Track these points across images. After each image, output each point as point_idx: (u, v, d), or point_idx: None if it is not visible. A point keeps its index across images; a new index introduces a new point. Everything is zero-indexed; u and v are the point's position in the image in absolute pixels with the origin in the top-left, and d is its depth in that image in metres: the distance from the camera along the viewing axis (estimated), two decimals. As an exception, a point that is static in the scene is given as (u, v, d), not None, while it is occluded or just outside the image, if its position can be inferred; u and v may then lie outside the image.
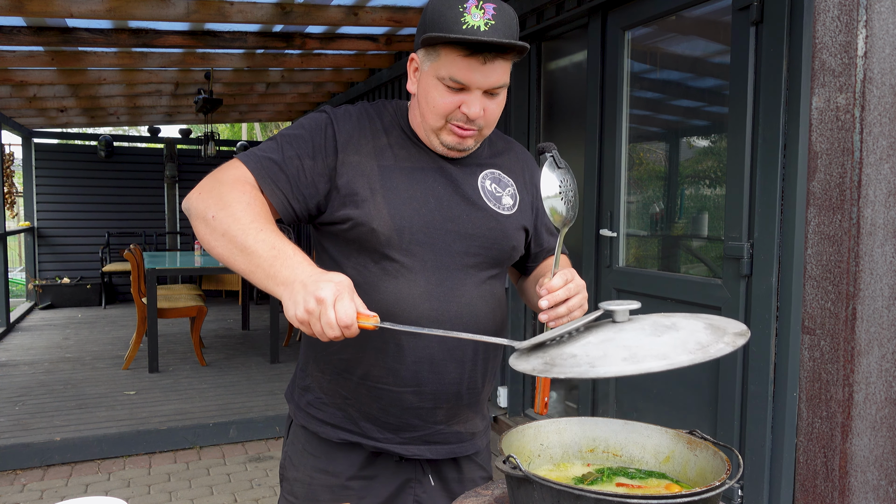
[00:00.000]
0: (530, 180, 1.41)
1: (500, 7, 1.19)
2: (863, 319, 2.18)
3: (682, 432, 1.10)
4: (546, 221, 1.41)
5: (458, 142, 1.27)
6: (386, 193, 1.25)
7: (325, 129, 1.28)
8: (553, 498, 0.88)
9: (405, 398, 1.28)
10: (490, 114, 1.25)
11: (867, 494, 2.23)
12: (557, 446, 1.13)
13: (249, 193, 1.19)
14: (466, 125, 1.24)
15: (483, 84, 1.20)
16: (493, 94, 1.24)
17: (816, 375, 2.29)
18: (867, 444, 2.22)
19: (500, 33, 1.17)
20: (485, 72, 1.19)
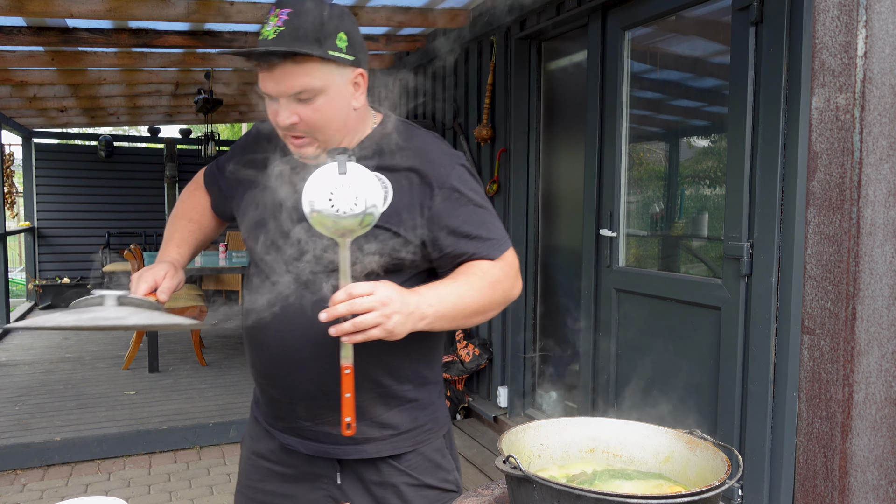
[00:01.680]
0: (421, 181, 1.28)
1: (298, 11, 1.16)
2: (863, 319, 2.18)
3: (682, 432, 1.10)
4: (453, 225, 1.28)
5: (297, 151, 1.26)
6: (246, 204, 1.37)
7: (246, 135, 1.46)
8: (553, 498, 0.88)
9: (266, 389, 1.40)
10: (309, 119, 1.21)
11: (867, 494, 2.23)
12: (557, 446, 1.14)
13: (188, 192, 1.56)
14: (294, 134, 1.23)
15: (279, 91, 1.19)
16: (305, 100, 1.20)
17: (816, 375, 2.29)
18: (867, 444, 2.22)
19: (288, 39, 1.15)
20: (276, 79, 1.18)
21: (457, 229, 1.28)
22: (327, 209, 1.12)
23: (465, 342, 4.52)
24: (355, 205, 1.12)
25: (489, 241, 1.30)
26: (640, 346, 3.21)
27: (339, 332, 1.09)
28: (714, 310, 2.76)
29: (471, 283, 1.25)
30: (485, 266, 1.29)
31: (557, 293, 4.10)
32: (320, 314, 1.09)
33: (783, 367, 2.44)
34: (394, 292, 1.11)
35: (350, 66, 1.22)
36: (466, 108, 4.73)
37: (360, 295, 1.08)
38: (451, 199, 1.28)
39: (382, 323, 1.09)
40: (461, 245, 1.29)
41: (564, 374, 4.04)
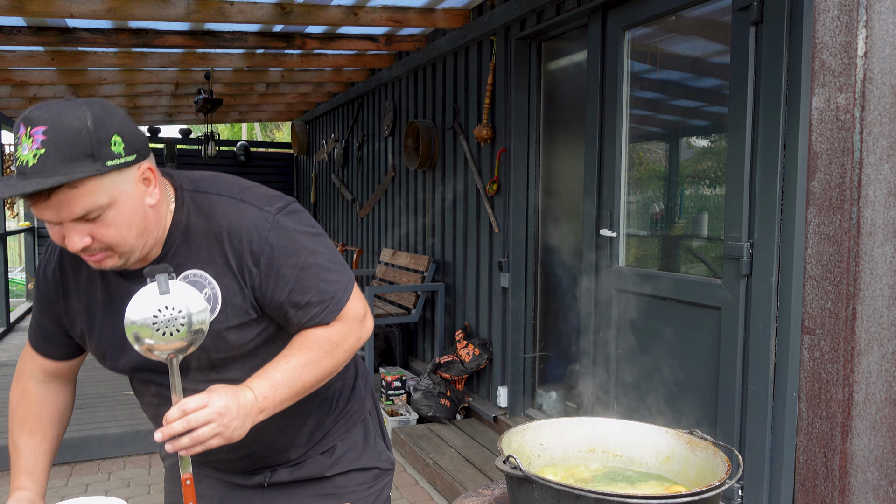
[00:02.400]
0: (238, 261, 1.21)
1: (53, 128, 1.02)
2: (863, 319, 2.18)
3: (682, 432, 1.10)
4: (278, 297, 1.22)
5: (98, 266, 1.15)
6: (91, 334, 1.29)
7: (44, 279, 1.31)
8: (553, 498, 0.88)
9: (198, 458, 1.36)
10: (103, 237, 1.09)
11: (867, 494, 2.23)
12: (557, 446, 1.14)
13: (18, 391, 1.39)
14: (88, 253, 1.11)
15: (59, 218, 1.06)
16: (94, 219, 1.07)
17: (816, 375, 2.29)
18: (867, 444, 2.22)
19: (52, 162, 1.00)
20: (53, 207, 1.04)
21: (284, 301, 1.23)
22: (152, 335, 1.11)
23: (465, 342, 4.52)
24: (181, 325, 1.11)
25: (321, 304, 1.24)
26: (640, 346, 3.21)
27: (176, 448, 1.09)
28: (714, 310, 2.76)
29: (307, 358, 1.22)
30: (320, 335, 1.25)
31: (557, 293, 4.10)
32: (155, 434, 1.09)
33: (783, 367, 2.44)
34: (229, 398, 1.10)
35: (134, 166, 1.11)
36: (466, 108, 4.73)
37: (194, 410, 1.07)
38: (272, 273, 1.21)
39: (221, 432, 1.09)
40: (293, 316, 1.24)
41: (564, 374, 4.04)
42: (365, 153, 6.92)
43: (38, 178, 1.01)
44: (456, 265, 4.97)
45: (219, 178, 1.29)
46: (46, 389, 1.39)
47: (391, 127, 6.03)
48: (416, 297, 5.24)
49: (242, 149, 10.01)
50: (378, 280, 6.02)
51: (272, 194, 1.30)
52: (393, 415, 4.45)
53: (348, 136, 7.37)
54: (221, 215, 1.22)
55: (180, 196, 1.23)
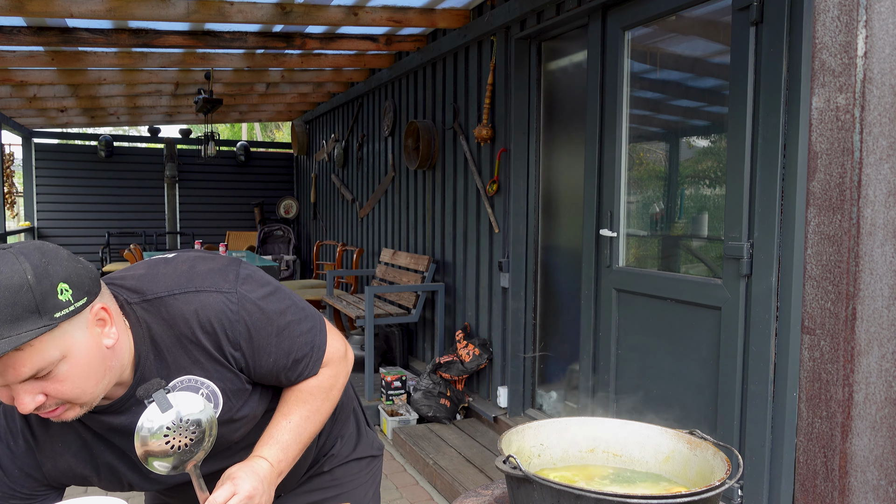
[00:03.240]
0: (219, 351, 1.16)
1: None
2: (863, 319, 2.18)
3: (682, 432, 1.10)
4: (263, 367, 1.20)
5: (60, 419, 1.05)
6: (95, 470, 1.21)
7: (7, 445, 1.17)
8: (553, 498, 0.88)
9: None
10: (58, 393, 1.01)
11: (867, 494, 2.23)
12: (557, 446, 1.13)
13: None
14: (44, 410, 1.02)
15: (4, 382, 0.97)
16: (44, 377, 0.99)
17: (816, 375, 2.29)
18: (867, 444, 2.22)
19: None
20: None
21: (272, 368, 1.21)
22: (171, 456, 1.09)
23: (465, 342, 4.52)
24: (193, 434, 1.10)
25: (305, 358, 1.24)
26: (640, 346, 3.21)
27: None
28: (714, 310, 2.76)
29: (306, 411, 1.25)
30: (312, 385, 1.26)
31: (557, 293, 4.10)
32: None
33: (783, 367, 2.44)
34: (252, 477, 1.12)
35: (85, 310, 1.02)
36: (466, 108, 4.73)
37: (225, 502, 1.08)
38: (251, 348, 1.18)
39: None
40: (283, 377, 1.24)
41: (564, 374, 4.04)
42: (365, 153, 6.92)
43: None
44: (456, 265, 4.97)
45: (156, 276, 1.17)
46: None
47: (391, 127, 6.03)
48: (416, 297, 5.24)
49: (242, 149, 10.01)
50: (378, 280, 6.02)
51: (218, 268, 1.19)
52: (393, 415, 4.45)
53: (348, 136, 7.37)
54: (185, 316, 1.14)
55: (130, 312, 1.13)
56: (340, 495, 1.47)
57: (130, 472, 1.22)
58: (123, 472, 1.22)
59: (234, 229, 10.01)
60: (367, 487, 1.53)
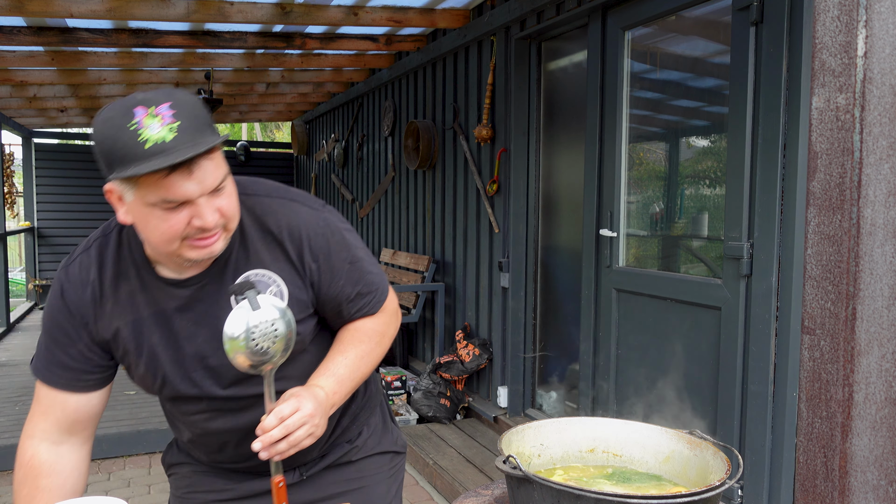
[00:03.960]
0: (298, 257, 1.25)
1: (176, 102, 1.05)
2: (863, 319, 2.18)
3: (682, 432, 1.10)
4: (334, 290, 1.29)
5: (206, 252, 1.14)
6: (139, 354, 1.25)
7: (67, 304, 1.23)
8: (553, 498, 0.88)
9: (231, 468, 1.40)
10: (227, 209, 1.13)
11: (867, 494, 2.23)
12: (557, 446, 1.13)
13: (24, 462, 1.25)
14: (206, 234, 1.12)
15: (201, 191, 1.07)
16: (219, 190, 1.11)
17: (816, 375, 2.29)
18: (867, 444, 2.22)
19: (191, 132, 1.03)
20: (197, 179, 1.06)
21: (337, 295, 1.29)
22: (253, 353, 1.13)
23: (465, 342, 4.52)
24: (275, 337, 1.14)
25: (369, 295, 1.33)
26: (640, 346, 3.21)
27: (274, 454, 1.11)
28: (714, 310, 2.76)
29: (360, 352, 1.30)
30: (369, 326, 1.34)
31: (557, 293, 4.10)
32: (254, 444, 1.10)
33: (783, 367, 2.44)
34: (312, 400, 1.15)
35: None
36: (466, 108, 4.73)
37: (290, 415, 1.11)
38: (325, 269, 1.27)
39: (313, 433, 1.14)
40: (344, 309, 1.31)
41: (564, 374, 4.04)
42: (365, 153, 6.92)
43: (184, 148, 1.02)
44: (456, 265, 4.97)
45: (257, 182, 1.30)
46: (59, 454, 1.26)
47: (391, 127, 6.03)
48: (416, 297, 5.24)
49: (242, 149, 10.01)
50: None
51: (309, 194, 1.35)
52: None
53: (348, 136, 7.37)
54: (276, 216, 1.25)
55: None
56: (364, 489, 1.46)
57: (170, 364, 1.25)
58: (163, 363, 1.24)
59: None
60: (389, 484, 1.52)
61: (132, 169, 1.01)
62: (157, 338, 1.24)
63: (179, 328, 1.23)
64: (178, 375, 1.26)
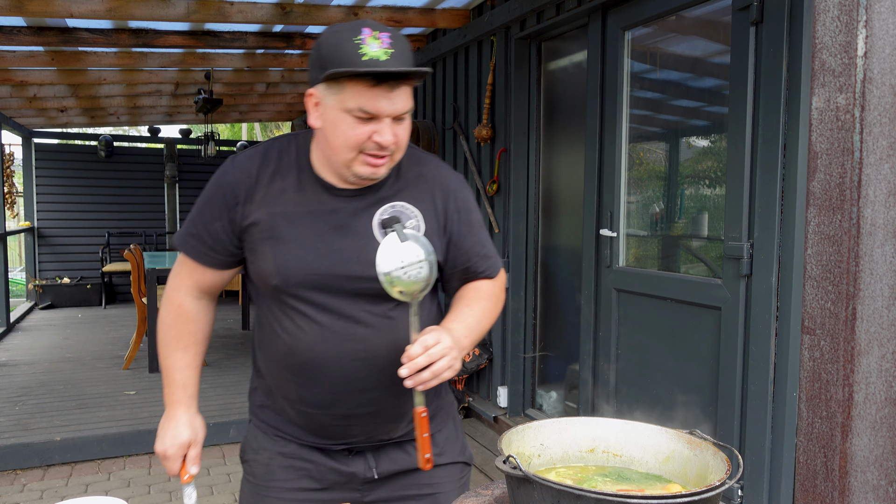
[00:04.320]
0: (443, 205, 1.39)
1: (394, 36, 1.21)
2: (863, 319, 2.18)
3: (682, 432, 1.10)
4: (466, 245, 1.42)
5: (372, 171, 1.27)
6: (274, 243, 1.32)
7: (222, 186, 1.36)
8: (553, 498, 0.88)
9: (319, 418, 1.40)
10: (401, 138, 1.27)
11: (867, 494, 2.23)
12: (557, 446, 1.13)
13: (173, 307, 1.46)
14: (379, 153, 1.25)
15: (392, 111, 1.22)
16: (401, 120, 1.25)
17: (816, 375, 2.29)
18: (867, 444, 2.22)
19: (400, 60, 1.19)
20: (392, 99, 1.21)
21: (469, 250, 1.42)
22: (403, 281, 1.23)
23: (465, 342, 4.52)
24: (421, 268, 1.25)
25: (490, 259, 1.46)
26: (640, 346, 3.21)
27: (418, 382, 1.18)
28: (714, 310, 2.76)
29: (483, 308, 1.40)
30: (488, 287, 1.44)
31: (557, 293, 4.10)
32: (400, 371, 1.18)
33: (783, 367, 2.44)
34: (450, 336, 1.23)
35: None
36: (466, 108, 4.73)
37: (433, 345, 1.18)
38: (464, 222, 1.41)
39: (452, 365, 1.21)
40: (473, 264, 1.42)
41: (564, 374, 4.04)
42: (365, 153, 6.92)
43: (394, 67, 1.17)
44: (456, 265, 4.96)
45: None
46: (199, 306, 1.46)
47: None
48: (416, 297, 5.23)
49: (243, 149, 10.02)
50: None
51: None
52: (393, 415, 4.45)
53: (348, 136, 7.37)
54: (430, 166, 1.41)
55: None
56: (434, 496, 1.48)
57: (301, 262, 1.31)
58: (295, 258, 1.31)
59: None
60: (457, 495, 1.51)
61: (350, 69, 1.16)
62: (297, 234, 1.31)
63: (322, 231, 1.32)
64: (305, 272, 1.31)
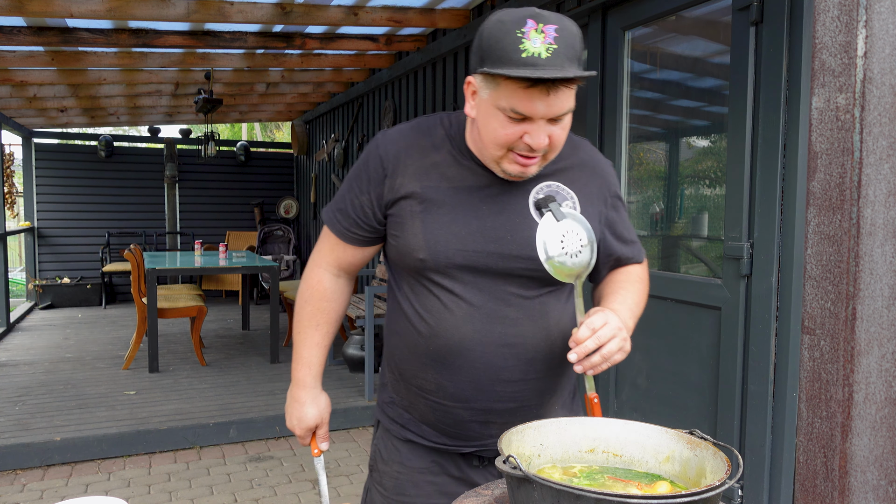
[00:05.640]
0: (598, 188, 1.35)
1: (562, 27, 1.12)
2: (863, 319, 2.18)
3: (682, 432, 1.10)
4: (618, 231, 1.39)
5: (521, 170, 1.21)
6: (425, 217, 1.27)
7: (373, 158, 1.34)
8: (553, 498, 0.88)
9: (456, 412, 1.33)
10: (556, 139, 1.19)
11: (867, 494, 2.23)
12: (557, 446, 1.13)
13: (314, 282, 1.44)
14: (530, 154, 1.19)
15: (547, 114, 1.15)
16: (558, 120, 1.18)
17: (816, 375, 2.29)
18: (867, 444, 2.22)
19: (562, 58, 1.10)
20: (548, 101, 1.13)
21: (621, 234, 1.40)
22: (565, 261, 1.20)
23: (465, 342, 4.51)
24: (581, 247, 1.21)
25: (637, 244, 1.44)
26: (640, 345, 3.21)
27: (588, 367, 1.13)
28: (714, 310, 2.76)
29: (638, 291, 1.38)
30: (638, 271, 1.43)
31: (557, 293, 4.10)
32: (569, 355, 1.13)
33: (783, 367, 2.44)
34: (617, 316, 1.17)
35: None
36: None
37: (601, 326, 1.13)
38: (617, 207, 1.39)
39: (622, 347, 1.15)
40: (623, 249, 1.40)
41: (564, 374, 4.03)
42: (365, 153, 6.92)
43: (553, 69, 1.09)
44: (456, 265, 4.96)
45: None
46: (337, 285, 1.45)
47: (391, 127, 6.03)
48: (416, 297, 5.22)
49: (242, 149, 10.02)
50: (378, 280, 6.02)
51: None
52: (393, 415, 4.45)
53: (348, 136, 7.38)
54: (589, 152, 1.39)
55: None
56: None
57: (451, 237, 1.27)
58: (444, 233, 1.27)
59: (234, 229, 10.01)
60: None
61: (503, 69, 1.09)
62: (449, 209, 1.27)
63: (475, 206, 1.27)
64: (456, 248, 1.27)
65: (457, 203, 1.27)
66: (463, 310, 1.27)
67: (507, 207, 1.27)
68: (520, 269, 1.26)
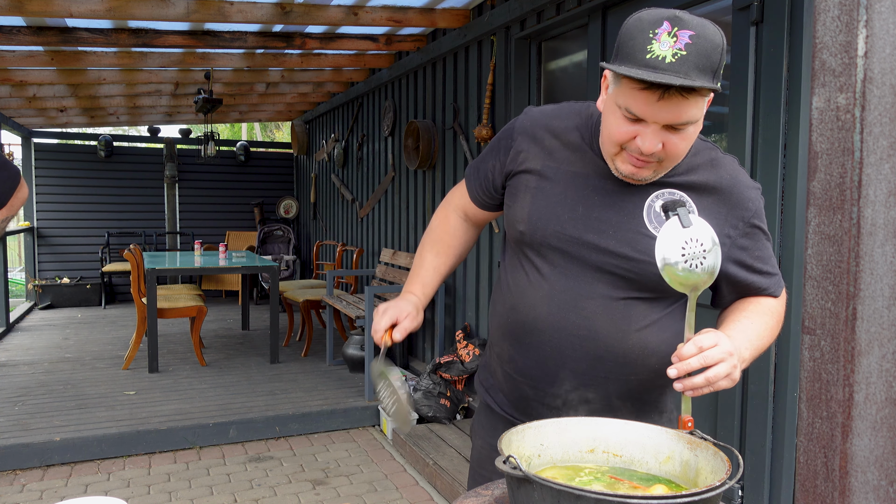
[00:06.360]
0: (727, 212, 1.26)
1: (699, 35, 1.07)
2: (863, 319, 2.18)
3: (682, 432, 1.09)
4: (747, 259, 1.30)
5: (634, 171, 1.19)
6: (535, 193, 1.31)
7: (510, 129, 1.40)
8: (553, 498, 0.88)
9: (522, 388, 1.36)
10: (672, 148, 1.15)
11: (867, 494, 2.23)
12: (557, 446, 1.13)
13: (441, 217, 1.57)
14: (642, 157, 1.16)
15: (659, 119, 1.11)
16: (677, 129, 1.13)
17: (816, 375, 2.29)
18: (867, 445, 2.21)
19: (689, 66, 1.06)
20: (661, 107, 1.09)
21: (751, 265, 1.31)
22: (682, 265, 1.13)
23: (465, 342, 4.52)
24: (704, 258, 1.14)
25: (774, 277, 1.34)
26: (640, 346, 3.20)
27: (689, 388, 1.09)
28: (714, 310, 2.75)
29: (765, 323, 1.29)
30: (772, 304, 1.34)
31: (557, 293, 4.09)
32: (669, 370, 1.09)
33: (783, 367, 2.44)
34: (729, 343, 1.10)
35: (710, 95, 1.17)
36: (466, 108, 4.73)
37: (710, 347, 1.08)
38: (752, 236, 1.29)
39: (730, 373, 1.09)
40: (752, 279, 1.32)
41: (564, 375, 4.03)
42: (365, 153, 6.92)
43: (672, 75, 1.06)
44: (456, 265, 4.96)
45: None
46: (461, 225, 1.55)
47: (391, 127, 6.03)
48: (416, 297, 5.22)
49: (242, 149, 10.02)
50: (378, 280, 6.02)
51: None
52: (393, 415, 4.45)
53: (348, 136, 7.37)
54: (728, 168, 1.29)
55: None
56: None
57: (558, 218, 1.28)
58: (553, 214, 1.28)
59: (234, 229, 10.01)
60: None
61: (621, 67, 1.09)
62: (560, 190, 1.29)
63: (586, 195, 1.27)
64: (555, 229, 1.28)
65: (570, 187, 1.28)
66: (544, 290, 1.29)
67: (619, 204, 1.25)
68: (612, 266, 1.25)
